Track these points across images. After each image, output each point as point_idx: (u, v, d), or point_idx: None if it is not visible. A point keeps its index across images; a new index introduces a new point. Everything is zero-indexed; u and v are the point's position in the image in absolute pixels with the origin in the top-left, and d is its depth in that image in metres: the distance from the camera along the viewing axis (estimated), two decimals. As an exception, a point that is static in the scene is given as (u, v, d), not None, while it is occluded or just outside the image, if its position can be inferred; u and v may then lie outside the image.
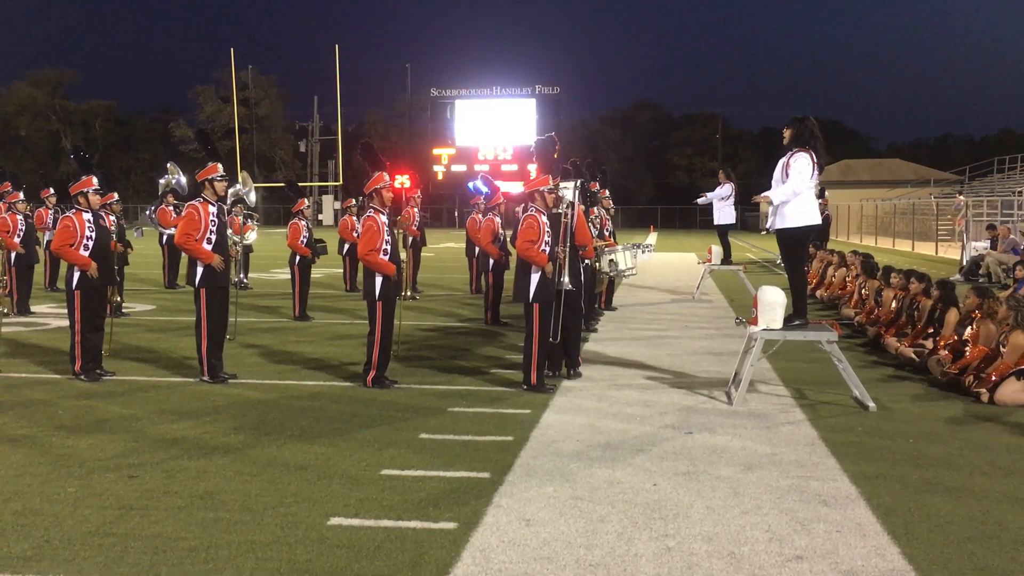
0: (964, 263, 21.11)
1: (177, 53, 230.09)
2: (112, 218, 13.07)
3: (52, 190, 15.75)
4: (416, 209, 16.73)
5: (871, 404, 7.28)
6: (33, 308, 13.30)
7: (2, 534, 4.45)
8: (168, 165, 14.42)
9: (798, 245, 7.80)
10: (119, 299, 8.78)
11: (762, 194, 7.86)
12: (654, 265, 24.27)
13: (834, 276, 15.22)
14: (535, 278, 7.81)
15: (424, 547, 4.31)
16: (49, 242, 15.29)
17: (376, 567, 4.08)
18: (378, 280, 7.85)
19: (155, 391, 7.86)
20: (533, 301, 7.80)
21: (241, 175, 16.02)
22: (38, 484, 5.24)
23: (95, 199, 8.51)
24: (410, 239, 16.51)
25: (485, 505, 4.92)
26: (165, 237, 16.45)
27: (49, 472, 5.47)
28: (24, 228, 13.15)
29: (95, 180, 8.52)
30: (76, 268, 8.15)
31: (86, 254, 8.15)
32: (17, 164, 52.79)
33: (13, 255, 13.00)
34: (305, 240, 12.77)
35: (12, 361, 9.18)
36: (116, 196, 13.89)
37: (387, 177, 8.09)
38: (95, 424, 6.68)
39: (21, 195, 13.50)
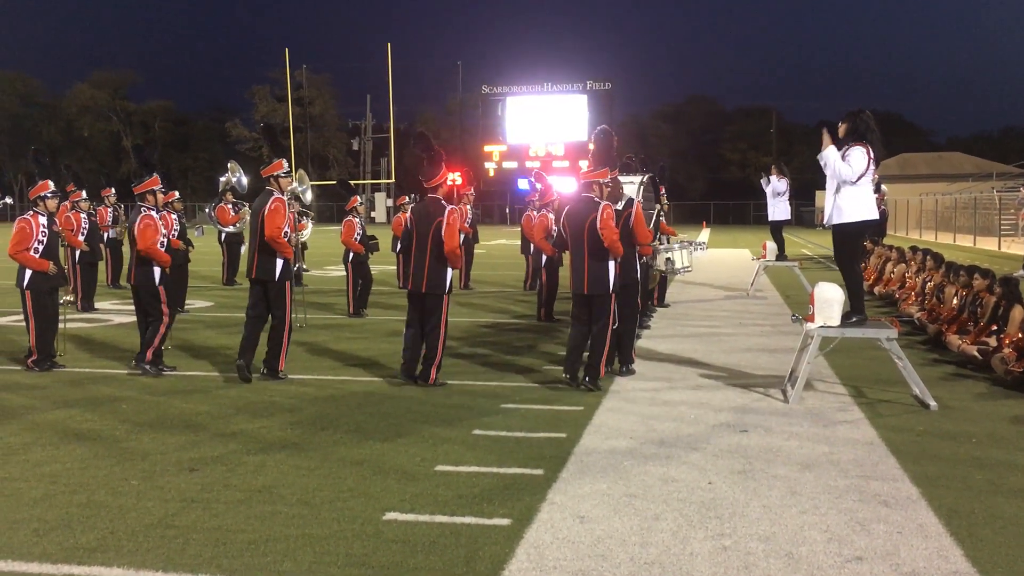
0: (1029, 258, 20.55)
1: (233, 54, 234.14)
2: (174, 216, 13.39)
3: (113, 189, 16.16)
4: (468, 206, 16.80)
5: (932, 403, 7.13)
6: (96, 304, 13.62)
7: (68, 525, 4.58)
8: (229, 164, 14.65)
9: (854, 240, 7.66)
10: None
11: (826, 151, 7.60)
12: (707, 261, 24.04)
13: (892, 272, 14.93)
14: (613, 268, 7.76)
15: (478, 543, 4.33)
16: (112, 239, 15.73)
17: (431, 562, 4.11)
18: (449, 274, 7.91)
19: (215, 387, 8.01)
20: (613, 291, 7.78)
21: (298, 173, 16.21)
22: (103, 477, 5.38)
23: (160, 197, 8.70)
24: (462, 236, 16.61)
25: (539, 502, 4.92)
26: (224, 235, 16.75)
27: (113, 465, 5.60)
28: (87, 226, 13.48)
29: (160, 179, 8.69)
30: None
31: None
32: (80, 163, 54.04)
33: (77, 253, 13.35)
34: (359, 237, 12.90)
35: (77, 356, 9.41)
36: (177, 195, 14.21)
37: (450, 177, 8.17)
38: (157, 419, 6.83)
39: (84, 194, 13.84)
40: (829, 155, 7.31)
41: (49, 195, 8.87)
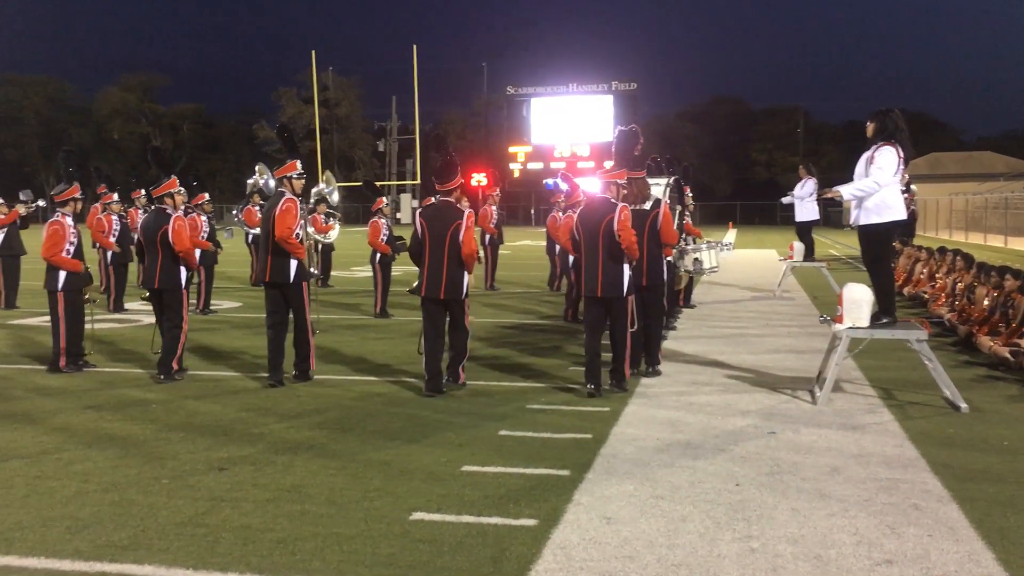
0: (1062, 259, 20.26)
1: (261, 56, 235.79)
2: (203, 218, 13.53)
3: (143, 191, 16.32)
4: (494, 207, 16.83)
5: (963, 405, 7.05)
6: (126, 305, 13.77)
7: (100, 523, 4.64)
8: (257, 166, 14.79)
9: (883, 241, 7.59)
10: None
11: (833, 188, 7.59)
12: (734, 262, 23.91)
13: (922, 273, 14.78)
14: (627, 270, 7.63)
15: (505, 543, 4.34)
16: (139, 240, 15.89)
17: (458, 562, 4.13)
18: (467, 278, 7.74)
19: (243, 388, 8.07)
20: (628, 294, 7.65)
21: (325, 175, 16.34)
22: (133, 476, 5.44)
23: (180, 199, 8.65)
24: (487, 237, 16.65)
25: (565, 502, 4.92)
26: (251, 236, 16.88)
27: (143, 464, 5.67)
28: (119, 228, 13.64)
29: (178, 181, 8.65)
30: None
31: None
32: (111, 166, 54.70)
33: (109, 254, 13.51)
34: (385, 238, 12.95)
35: (107, 357, 9.52)
36: (207, 196, 14.33)
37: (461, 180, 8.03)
38: (186, 418, 6.90)
39: (115, 196, 14.00)
40: (845, 190, 7.29)
41: (79, 197, 9.01)
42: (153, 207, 8.67)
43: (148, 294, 8.52)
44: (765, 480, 5.34)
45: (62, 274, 8.65)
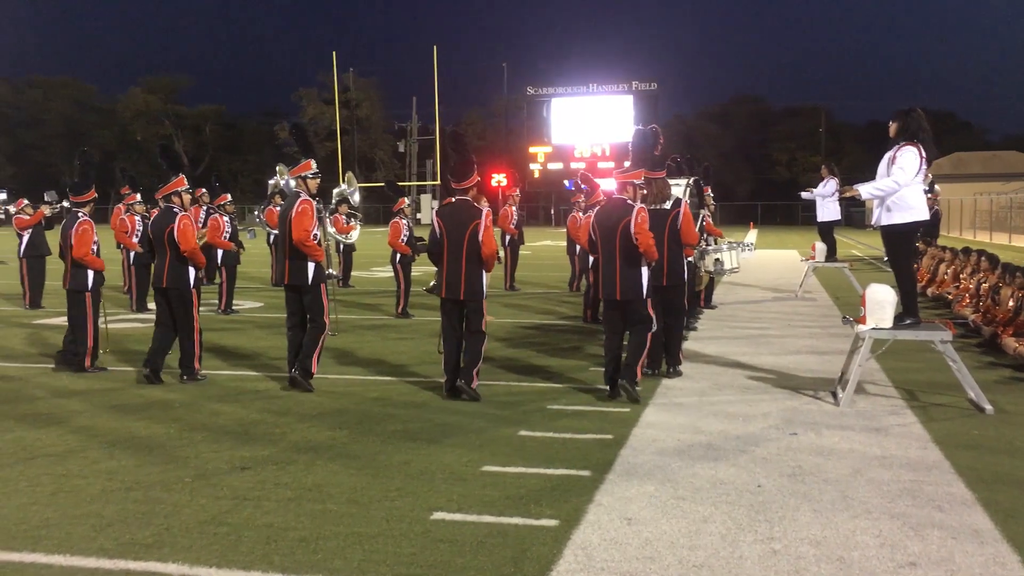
0: (1088, 259, 20.02)
1: (282, 58, 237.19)
2: (226, 218, 13.62)
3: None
4: (514, 207, 16.82)
5: (988, 407, 6.99)
6: (149, 305, 13.87)
7: (125, 521, 4.68)
8: (277, 167, 14.87)
9: (905, 242, 7.53)
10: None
11: (853, 187, 7.56)
12: (755, 263, 23.78)
13: (946, 273, 14.65)
14: (646, 273, 7.49)
15: (526, 543, 4.34)
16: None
17: (479, 562, 4.13)
18: (485, 278, 7.61)
19: (264, 387, 8.12)
20: (647, 297, 7.50)
21: (347, 176, 16.40)
22: (157, 474, 5.49)
23: (187, 198, 8.52)
24: (508, 237, 16.65)
25: (586, 503, 4.92)
26: (273, 237, 16.97)
27: (167, 463, 5.72)
28: (142, 228, 13.73)
29: (185, 179, 8.54)
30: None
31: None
32: (134, 167, 55.18)
33: (132, 254, 13.63)
34: (405, 239, 12.99)
35: (130, 357, 9.60)
36: (229, 197, 14.44)
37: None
38: (209, 418, 6.95)
39: (138, 196, 14.11)
40: (864, 189, 7.24)
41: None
42: (161, 206, 8.57)
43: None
44: (787, 482, 5.31)
45: (90, 274, 8.71)
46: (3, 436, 6.36)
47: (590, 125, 56.80)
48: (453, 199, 7.74)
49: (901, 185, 7.11)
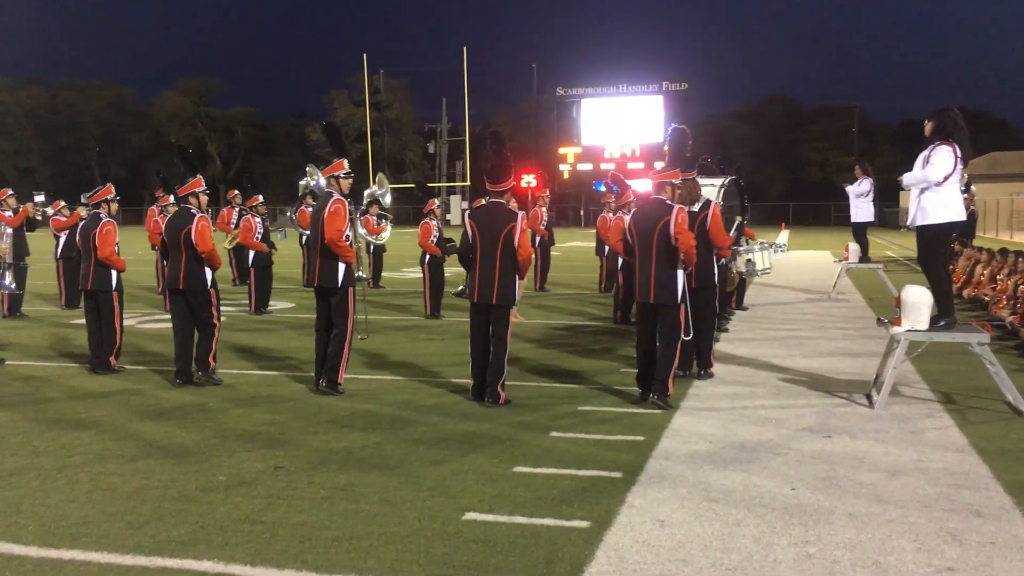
0: None
1: (313, 60, 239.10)
2: (258, 219, 13.74)
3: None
4: (544, 208, 16.81)
5: (1026, 410, 6.88)
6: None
7: (161, 519, 4.73)
8: (307, 168, 14.96)
9: (940, 242, 7.44)
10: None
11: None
12: (787, 263, 23.58)
13: (983, 275, 14.44)
14: (681, 276, 7.31)
15: (558, 544, 4.34)
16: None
17: (511, 563, 4.13)
18: (519, 283, 7.49)
19: (297, 388, 8.17)
20: (681, 302, 7.32)
21: (378, 177, 16.47)
22: (192, 472, 5.55)
23: (204, 199, 8.43)
24: (538, 238, 16.64)
25: (618, 504, 4.91)
26: (305, 237, 17.08)
27: (202, 462, 5.78)
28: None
29: (203, 181, 8.46)
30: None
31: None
32: (167, 169, 55.97)
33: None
34: (435, 239, 13.03)
35: (161, 357, 9.70)
36: (261, 198, 14.56)
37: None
38: (242, 418, 7.02)
39: (172, 199, 14.26)
40: (908, 178, 7.19)
41: (112, 199, 9.02)
42: (178, 207, 8.52)
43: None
44: (821, 485, 5.26)
45: (114, 273, 8.79)
46: (41, 435, 6.46)
47: (620, 126, 56.61)
48: (484, 200, 7.63)
49: (931, 180, 7.04)
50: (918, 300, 7.10)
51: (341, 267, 7.76)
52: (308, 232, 16.30)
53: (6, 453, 5.99)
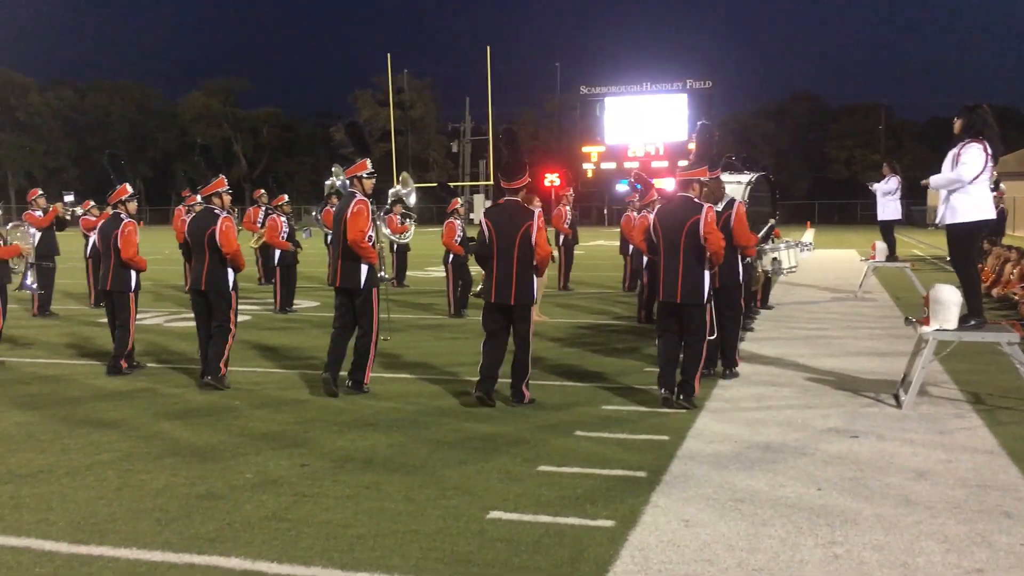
0: None
1: (338, 61, 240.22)
2: (283, 218, 13.83)
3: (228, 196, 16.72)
4: (568, 207, 16.79)
5: (1058, 411, 6.79)
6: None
7: (188, 516, 4.77)
8: (333, 168, 15.05)
9: (970, 241, 7.36)
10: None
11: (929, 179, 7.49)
12: (812, 262, 23.42)
13: (1012, 274, 14.26)
14: (707, 276, 7.16)
15: (583, 544, 4.33)
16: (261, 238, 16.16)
17: (536, 562, 4.13)
18: (537, 282, 7.34)
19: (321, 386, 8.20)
20: (707, 302, 7.22)
21: (402, 176, 16.53)
22: (219, 470, 5.59)
23: (227, 199, 8.33)
24: (562, 237, 16.63)
25: (642, 504, 4.89)
26: (330, 237, 17.17)
27: (228, 459, 5.82)
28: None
29: (225, 180, 8.39)
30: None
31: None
32: (194, 169, 56.42)
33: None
34: (459, 239, 13.05)
35: (189, 357, 9.78)
36: (287, 197, 14.66)
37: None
38: (268, 416, 7.07)
39: (199, 198, 14.37)
40: (937, 180, 7.11)
41: (128, 198, 8.95)
42: (201, 207, 8.43)
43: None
44: (848, 485, 5.22)
45: (133, 274, 8.74)
46: (71, 433, 6.54)
47: (644, 124, 56.49)
48: (503, 200, 7.53)
49: (965, 180, 6.97)
50: (947, 299, 7.03)
51: (363, 268, 7.67)
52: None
53: (36, 451, 6.06)
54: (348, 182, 8.06)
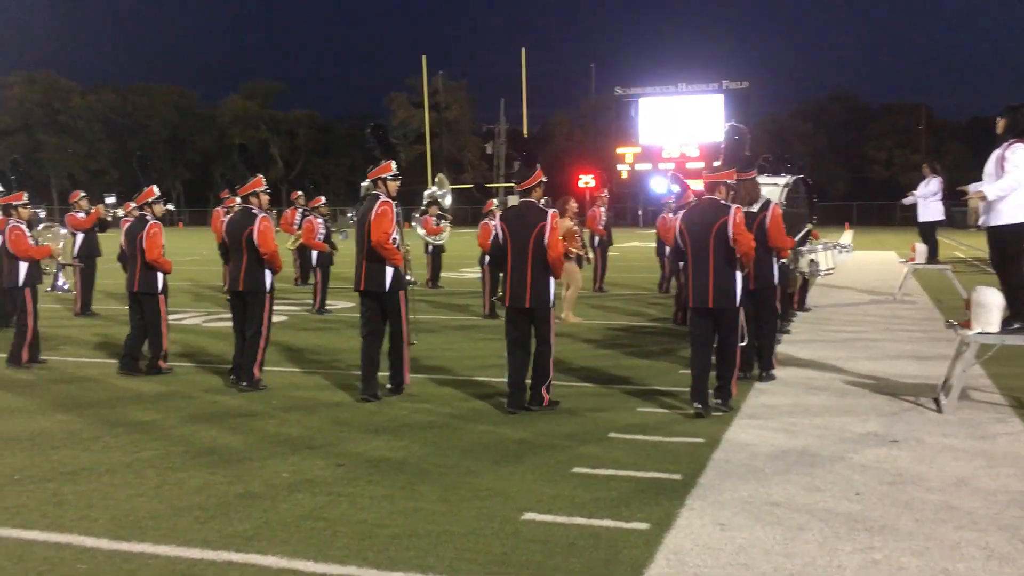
0: None
1: (373, 63, 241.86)
2: (320, 220, 13.94)
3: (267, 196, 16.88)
4: (603, 208, 16.76)
5: (1104, 416, 6.65)
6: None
7: (226, 514, 4.83)
8: (368, 170, 15.13)
9: (1015, 243, 7.22)
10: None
11: (974, 186, 7.34)
12: (851, 264, 23.13)
13: (1057, 276, 13.97)
14: (739, 278, 7.02)
15: (617, 546, 4.32)
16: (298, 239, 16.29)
17: (571, 564, 4.13)
18: (552, 284, 7.25)
19: (357, 387, 8.25)
20: (740, 305, 7.09)
21: (438, 177, 16.55)
22: (256, 469, 5.65)
23: (264, 199, 8.29)
24: (597, 238, 16.59)
25: (677, 507, 4.87)
26: (355, 240, 17.25)
27: (266, 459, 5.88)
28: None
29: (263, 179, 8.35)
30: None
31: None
32: (232, 171, 57.02)
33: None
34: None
35: (223, 356, 9.89)
36: (323, 199, 14.77)
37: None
38: (304, 415, 7.13)
39: (238, 200, 14.53)
40: (994, 191, 6.95)
41: (154, 200, 8.95)
42: (239, 208, 8.42)
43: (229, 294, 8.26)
44: (887, 490, 5.15)
45: (160, 276, 8.76)
46: (112, 431, 6.65)
47: (679, 125, 56.21)
48: (519, 202, 7.39)
49: (1016, 185, 6.84)
50: (989, 302, 6.91)
51: (389, 271, 7.56)
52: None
53: (77, 449, 6.17)
54: (372, 184, 7.91)
